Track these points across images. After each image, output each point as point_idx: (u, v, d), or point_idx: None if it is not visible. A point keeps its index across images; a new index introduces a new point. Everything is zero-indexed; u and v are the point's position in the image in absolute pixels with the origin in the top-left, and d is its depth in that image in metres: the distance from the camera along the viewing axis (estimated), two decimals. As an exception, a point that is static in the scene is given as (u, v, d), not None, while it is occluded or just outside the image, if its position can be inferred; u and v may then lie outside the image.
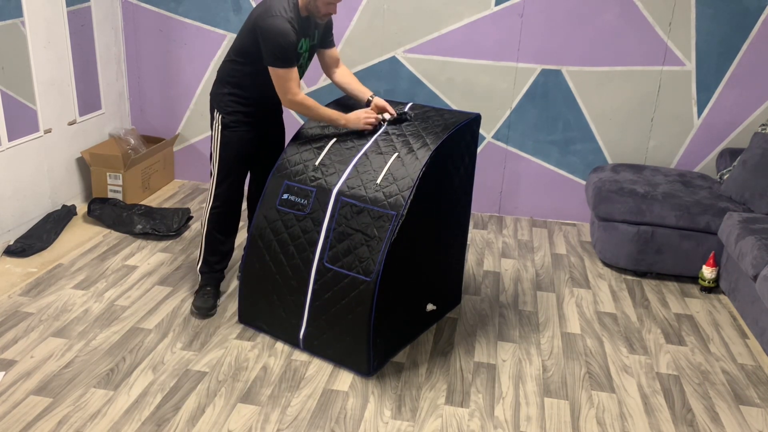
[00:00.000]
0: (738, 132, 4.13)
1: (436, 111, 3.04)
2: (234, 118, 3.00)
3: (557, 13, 4.07)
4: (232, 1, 4.40)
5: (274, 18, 2.72)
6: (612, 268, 3.85)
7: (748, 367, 2.97)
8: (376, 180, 2.72)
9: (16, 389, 2.60)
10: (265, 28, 2.73)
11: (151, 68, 4.66)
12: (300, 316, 2.85)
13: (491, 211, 4.57)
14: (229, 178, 3.07)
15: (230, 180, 3.08)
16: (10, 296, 3.27)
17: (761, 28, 3.91)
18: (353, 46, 4.34)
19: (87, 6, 4.28)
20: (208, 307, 3.14)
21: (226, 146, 3.02)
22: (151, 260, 3.69)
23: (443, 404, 2.64)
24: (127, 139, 4.49)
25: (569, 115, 4.26)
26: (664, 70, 4.08)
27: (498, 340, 3.09)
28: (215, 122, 3.04)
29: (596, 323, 3.27)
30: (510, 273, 3.75)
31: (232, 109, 2.99)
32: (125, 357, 2.83)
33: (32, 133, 3.90)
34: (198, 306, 3.14)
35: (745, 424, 2.60)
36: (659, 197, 3.64)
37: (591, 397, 2.72)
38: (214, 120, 3.04)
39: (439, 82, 4.32)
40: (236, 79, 2.97)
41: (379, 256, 2.61)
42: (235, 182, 3.10)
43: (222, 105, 3.01)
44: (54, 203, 4.12)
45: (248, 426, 2.46)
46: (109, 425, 2.43)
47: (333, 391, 2.68)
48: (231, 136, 3.01)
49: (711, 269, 3.54)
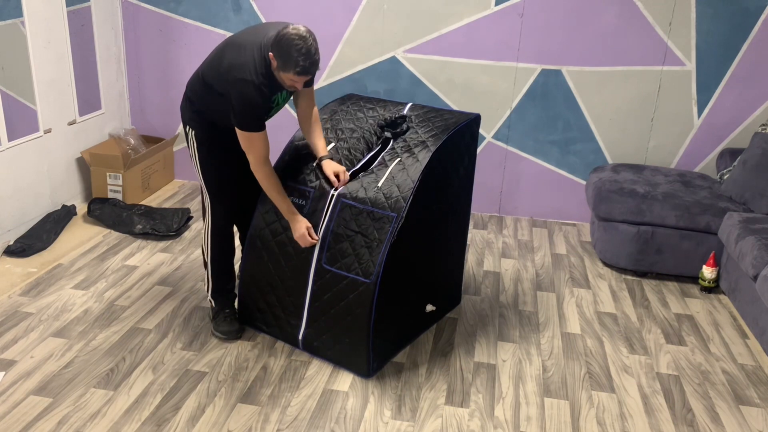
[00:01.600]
0: (738, 132, 4.13)
1: (436, 111, 3.04)
2: (208, 133, 2.80)
3: (557, 13, 4.07)
4: (232, 1, 4.40)
5: (245, 84, 2.52)
6: (612, 268, 3.85)
7: (748, 367, 2.97)
8: (378, 183, 2.72)
9: (16, 389, 2.60)
10: (236, 93, 2.54)
11: (151, 68, 4.66)
12: (299, 317, 2.85)
13: (491, 211, 4.57)
14: (222, 193, 2.90)
15: (223, 194, 2.90)
16: (10, 296, 3.26)
17: (761, 28, 3.91)
18: (353, 46, 4.34)
19: (87, 6, 4.28)
20: (236, 330, 2.98)
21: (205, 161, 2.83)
22: (151, 260, 3.69)
23: (443, 404, 2.63)
24: (127, 139, 4.49)
25: (569, 115, 4.26)
26: (664, 70, 4.08)
27: (498, 340, 3.09)
28: (189, 139, 2.84)
29: (596, 323, 3.27)
30: (510, 273, 3.75)
31: (203, 122, 2.79)
32: (125, 357, 2.83)
33: (32, 133, 3.90)
34: (225, 330, 2.97)
35: (745, 424, 2.60)
36: (659, 197, 3.64)
37: (591, 397, 2.72)
38: (188, 137, 2.85)
39: (439, 82, 4.32)
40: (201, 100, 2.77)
41: (379, 258, 2.61)
42: (230, 194, 2.93)
43: (191, 121, 2.81)
44: (54, 203, 4.12)
45: (248, 426, 2.46)
46: (109, 425, 2.43)
47: (333, 391, 2.67)
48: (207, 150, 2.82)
49: (711, 269, 3.54)
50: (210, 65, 2.70)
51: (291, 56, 2.46)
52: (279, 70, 2.53)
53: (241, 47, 2.59)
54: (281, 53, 2.47)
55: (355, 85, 4.42)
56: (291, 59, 2.46)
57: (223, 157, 2.85)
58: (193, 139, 2.82)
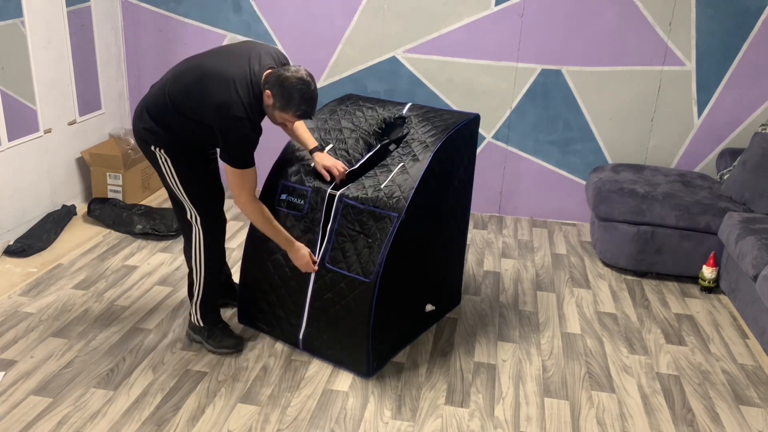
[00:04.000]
0: (738, 132, 4.13)
1: (436, 112, 3.04)
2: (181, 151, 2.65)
3: (557, 13, 4.07)
4: (232, 1, 4.40)
5: (241, 123, 2.44)
6: (612, 268, 3.85)
7: (748, 367, 2.97)
8: (380, 185, 2.72)
9: (16, 389, 2.60)
10: (231, 131, 2.46)
11: (151, 68, 4.66)
12: (300, 317, 2.85)
13: (491, 211, 4.57)
14: (212, 207, 2.79)
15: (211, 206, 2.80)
16: (10, 296, 3.26)
17: (761, 28, 3.91)
18: (353, 46, 4.34)
19: (87, 6, 4.28)
20: (238, 341, 2.90)
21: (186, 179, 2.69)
22: (151, 260, 3.69)
23: (443, 404, 2.63)
24: (127, 139, 4.49)
25: (569, 115, 4.26)
26: (664, 70, 4.08)
27: (498, 340, 3.09)
28: (159, 159, 2.66)
29: (596, 323, 3.27)
30: (510, 273, 3.75)
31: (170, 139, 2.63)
32: (125, 357, 2.83)
33: (32, 133, 3.90)
34: (231, 344, 2.87)
35: (745, 424, 2.60)
36: (659, 197, 3.64)
37: (591, 397, 2.72)
38: (157, 157, 2.66)
39: (439, 82, 4.32)
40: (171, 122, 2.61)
41: (379, 257, 2.61)
42: (218, 206, 2.83)
43: (159, 141, 2.63)
44: (54, 203, 4.12)
45: (248, 426, 2.46)
46: (109, 425, 2.43)
47: (333, 392, 2.67)
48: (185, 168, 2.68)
49: (711, 269, 3.54)
50: (183, 93, 2.54)
51: (293, 99, 2.46)
52: (276, 109, 2.50)
53: (223, 79, 2.46)
54: (283, 95, 2.45)
55: (355, 85, 4.42)
56: (293, 102, 2.46)
57: (202, 171, 2.73)
58: (164, 160, 2.64)
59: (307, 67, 2.59)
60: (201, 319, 2.88)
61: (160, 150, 2.63)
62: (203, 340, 2.89)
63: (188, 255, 2.84)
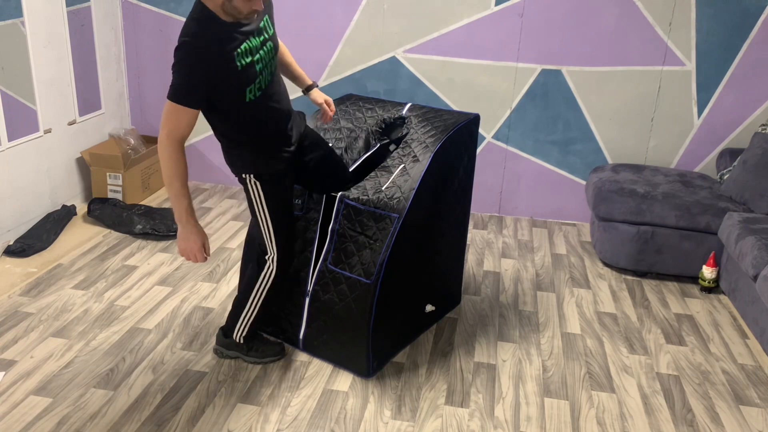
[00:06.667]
0: (738, 132, 4.13)
1: (435, 112, 3.04)
2: (266, 169, 2.52)
3: (557, 13, 4.07)
4: (232, 1, 4.40)
5: (182, 47, 2.23)
6: (612, 268, 3.85)
7: (748, 367, 2.97)
8: (381, 187, 2.72)
9: (16, 389, 2.60)
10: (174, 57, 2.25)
11: (151, 68, 4.66)
12: (299, 317, 2.85)
13: (491, 211, 4.57)
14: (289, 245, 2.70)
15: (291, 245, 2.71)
16: (10, 296, 3.26)
17: (761, 28, 3.91)
18: (353, 46, 4.34)
19: (87, 6, 4.28)
20: (280, 345, 2.87)
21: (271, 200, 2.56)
22: (151, 260, 3.69)
23: (443, 404, 2.63)
24: (127, 139, 4.49)
25: (569, 115, 4.26)
26: (664, 70, 4.08)
27: (498, 340, 3.09)
28: (250, 185, 2.54)
29: (596, 323, 3.27)
30: (510, 273, 3.75)
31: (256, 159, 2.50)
32: (125, 357, 2.83)
33: (32, 133, 3.90)
34: (273, 353, 2.84)
35: (745, 424, 2.60)
36: (659, 197, 3.64)
37: (591, 397, 2.72)
38: (248, 184, 2.54)
39: (439, 82, 4.32)
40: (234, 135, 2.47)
41: (380, 258, 2.61)
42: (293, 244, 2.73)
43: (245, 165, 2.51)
44: (54, 203, 4.12)
45: (248, 426, 2.46)
46: (109, 425, 2.43)
47: (333, 392, 2.67)
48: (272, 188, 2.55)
49: (711, 269, 3.54)
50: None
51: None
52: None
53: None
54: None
55: (355, 85, 4.42)
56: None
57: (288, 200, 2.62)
58: (255, 188, 2.52)
59: (307, 67, 2.53)
60: (243, 338, 2.80)
61: (249, 176, 2.51)
62: (242, 354, 2.82)
63: (250, 284, 2.73)
